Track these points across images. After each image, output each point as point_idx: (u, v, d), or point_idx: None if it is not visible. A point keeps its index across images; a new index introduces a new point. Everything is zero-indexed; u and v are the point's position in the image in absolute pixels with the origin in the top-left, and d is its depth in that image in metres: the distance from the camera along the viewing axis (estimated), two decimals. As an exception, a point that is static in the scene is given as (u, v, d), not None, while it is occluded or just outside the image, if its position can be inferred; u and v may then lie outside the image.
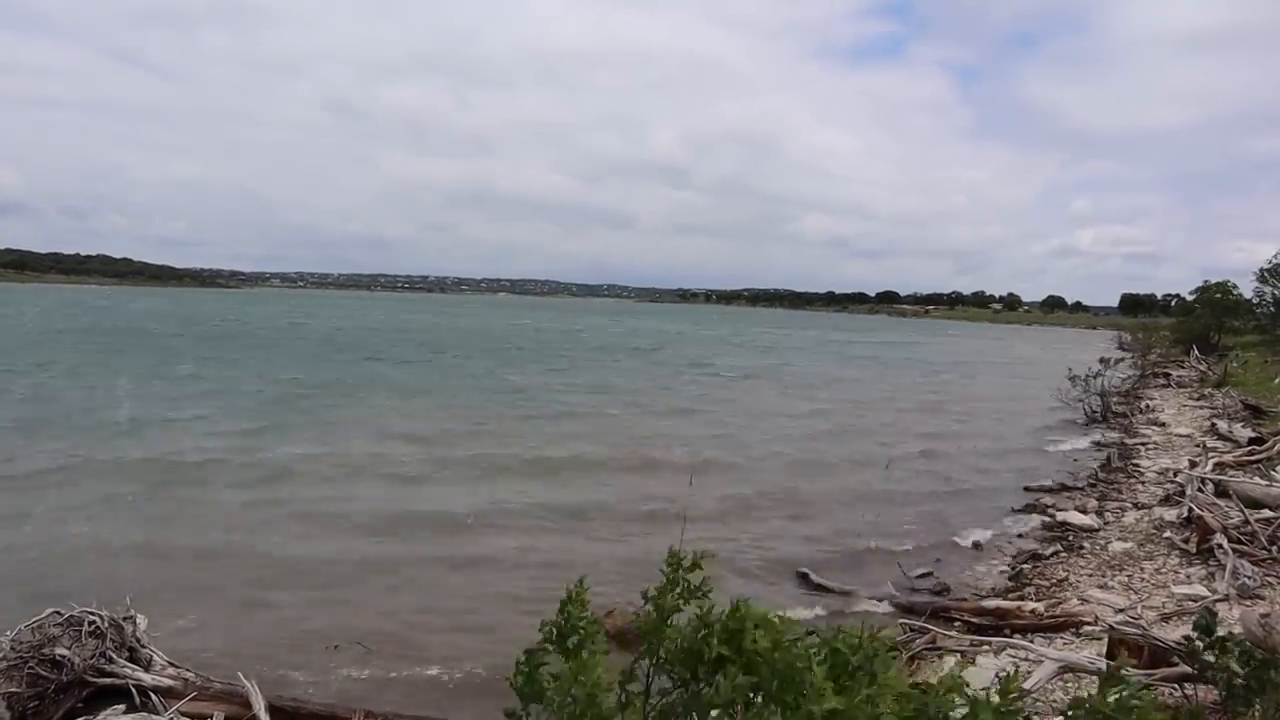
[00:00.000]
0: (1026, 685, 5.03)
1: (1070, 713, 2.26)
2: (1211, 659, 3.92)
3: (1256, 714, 3.65)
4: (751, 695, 2.14)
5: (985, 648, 6.49)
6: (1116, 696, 2.19)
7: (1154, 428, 19.67)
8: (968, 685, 2.18)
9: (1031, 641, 6.47)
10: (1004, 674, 2.19)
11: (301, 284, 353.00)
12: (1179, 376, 32.27)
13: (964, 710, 2.11)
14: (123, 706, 5.19)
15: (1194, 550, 8.75)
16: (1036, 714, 4.93)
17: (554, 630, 2.31)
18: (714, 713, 2.18)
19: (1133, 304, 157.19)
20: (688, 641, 2.31)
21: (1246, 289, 45.20)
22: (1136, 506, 11.58)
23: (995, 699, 2.09)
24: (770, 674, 2.16)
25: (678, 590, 2.41)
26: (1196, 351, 39.20)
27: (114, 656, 5.48)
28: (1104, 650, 5.88)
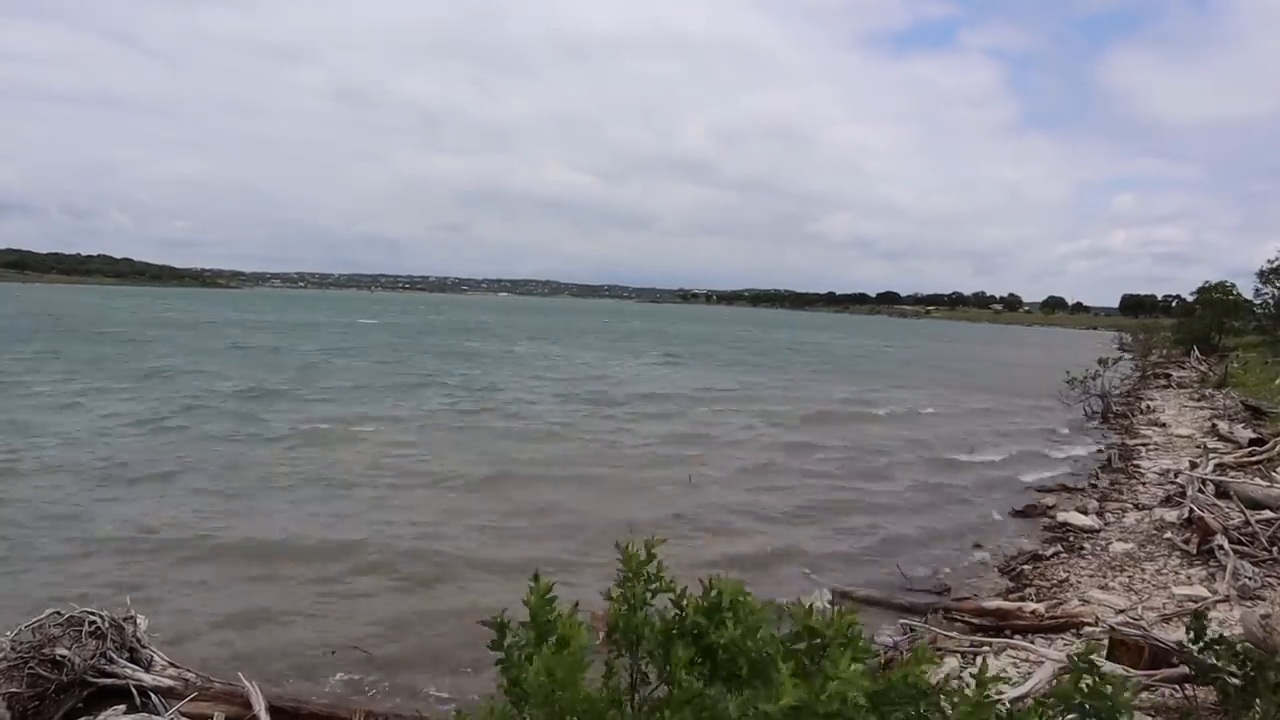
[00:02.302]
0: (1026, 686, 5.03)
1: (1048, 699, 2.25)
2: (1209, 660, 3.92)
3: (1256, 715, 3.65)
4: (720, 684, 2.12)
5: (986, 648, 6.48)
6: (1088, 684, 2.18)
7: (1154, 428, 19.66)
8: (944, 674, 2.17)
9: (1032, 642, 6.47)
10: (980, 668, 2.18)
11: (302, 284, 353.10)
12: (1179, 377, 32.26)
13: (935, 681, 2.09)
14: (123, 707, 5.19)
15: (1195, 551, 8.74)
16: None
17: (532, 633, 2.27)
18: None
19: (1133, 305, 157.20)
20: (664, 625, 2.27)
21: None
22: (1137, 507, 11.57)
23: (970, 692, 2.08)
24: (744, 662, 2.15)
25: (643, 581, 2.36)
26: (1197, 352, 39.19)
27: (114, 657, 5.48)
28: (1104, 651, 5.87)
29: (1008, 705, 2.20)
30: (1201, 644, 3.97)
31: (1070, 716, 2.16)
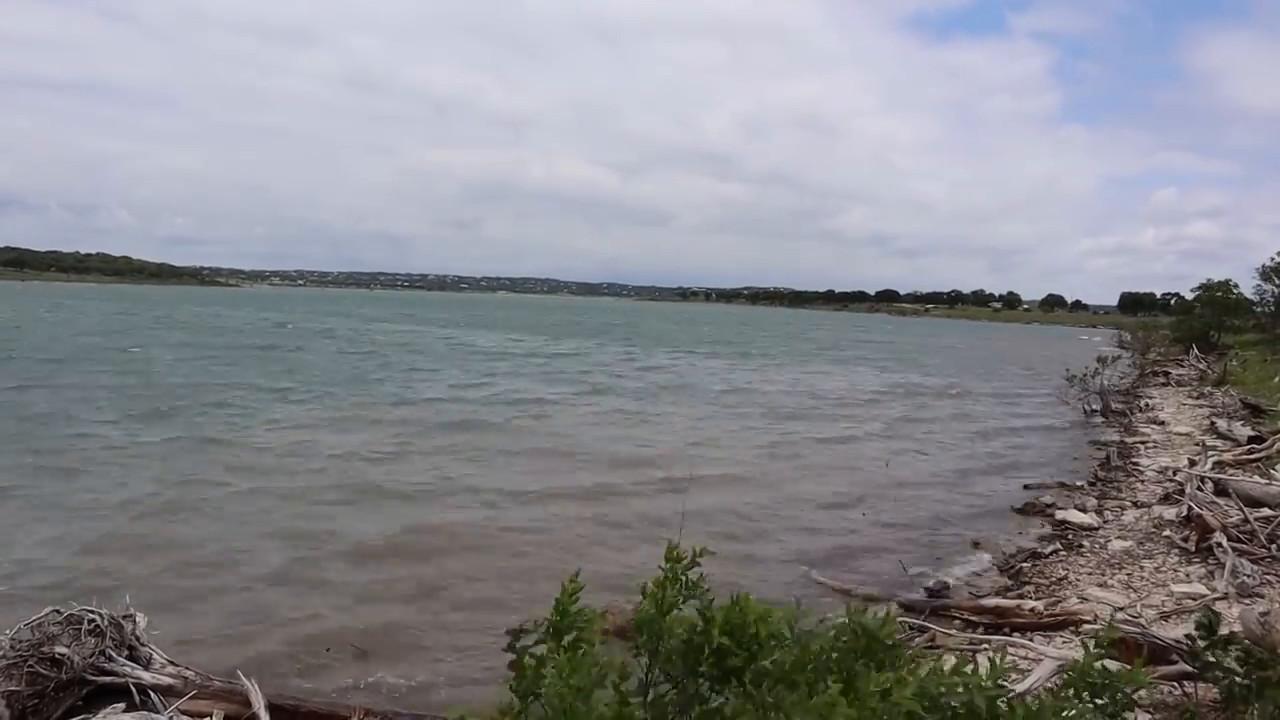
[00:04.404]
0: (1026, 684, 5.03)
1: (1063, 691, 2.25)
2: (1211, 658, 3.92)
3: (1256, 713, 3.65)
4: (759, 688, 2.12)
5: (985, 646, 6.49)
6: (1101, 665, 2.19)
7: (1153, 426, 19.67)
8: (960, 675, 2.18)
9: (1031, 640, 6.47)
10: (993, 660, 2.19)
11: (301, 282, 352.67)
12: (1178, 375, 32.27)
13: (960, 694, 2.10)
14: (122, 705, 5.19)
15: (1193, 549, 8.75)
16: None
17: (550, 628, 2.29)
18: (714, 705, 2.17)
19: (1132, 303, 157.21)
20: (687, 634, 2.28)
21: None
22: (1136, 505, 11.58)
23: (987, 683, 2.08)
24: (781, 666, 2.15)
25: (677, 586, 2.38)
26: (1196, 350, 39.22)
27: (113, 655, 5.48)
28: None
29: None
30: (1208, 641, 3.95)
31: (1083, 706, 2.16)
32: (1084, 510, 11.42)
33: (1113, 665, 2.28)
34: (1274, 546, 8.39)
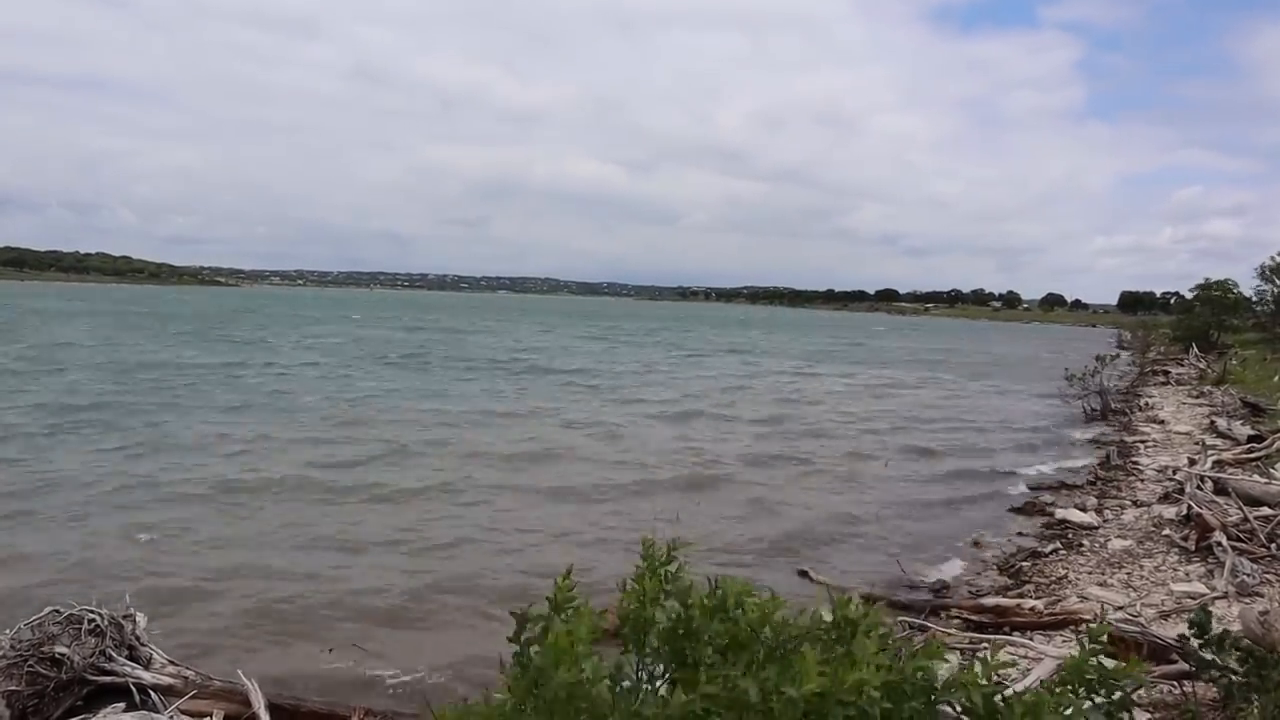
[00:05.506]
0: (1025, 683, 5.03)
1: (1059, 687, 2.25)
2: (1209, 656, 3.92)
3: (1255, 712, 3.65)
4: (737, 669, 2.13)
5: (984, 645, 6.49)
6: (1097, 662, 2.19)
7: (1153, 425, 19.67)
8: (946, 662, 2.18)
9: (1031, 639, 6.48)
10: (984, 658, 2.18)
11: (301, 282, 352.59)
12: (1178, 374, 32.27)
13: (946, 676, 2.10)
14: (122, 705, 5.20)
15: (1193, 548, 8.75)
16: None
17: (546, 628, 2.27)
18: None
19: (1132, 302, 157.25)
20: (671, 622, 2.27)
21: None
22: (1136, 504, 11.58)
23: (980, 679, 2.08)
24: (760, 647, 2.15)
25: (656, 580, 2.36)
26: (1196, 349, 39.23)
27: (114, 655, 5.49)
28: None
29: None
30: (1203, 640, 3.96)
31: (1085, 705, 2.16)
32: (1084, 509, 11.42)
33: (1109, 663, 2.27)
34: (1274, 545, 8.39)
